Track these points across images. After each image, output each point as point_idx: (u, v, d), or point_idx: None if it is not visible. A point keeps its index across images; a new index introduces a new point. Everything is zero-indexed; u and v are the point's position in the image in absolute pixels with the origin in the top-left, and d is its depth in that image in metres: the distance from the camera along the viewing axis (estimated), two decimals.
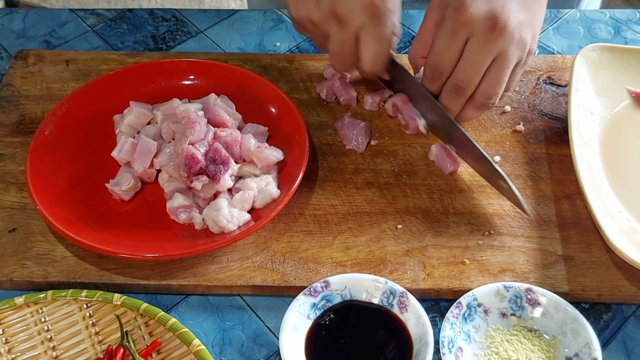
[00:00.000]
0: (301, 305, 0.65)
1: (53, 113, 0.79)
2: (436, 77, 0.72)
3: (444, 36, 0.69)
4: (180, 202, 0.72)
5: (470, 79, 0.70)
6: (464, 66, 0.69)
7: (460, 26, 0.67)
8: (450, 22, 0.68)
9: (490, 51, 0.68)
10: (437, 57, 0.71)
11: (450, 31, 0.68)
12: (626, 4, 2.36)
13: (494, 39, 0.67)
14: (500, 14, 0.66)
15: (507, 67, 0.70)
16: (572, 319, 0.64)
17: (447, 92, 0.72)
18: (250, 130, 0.79)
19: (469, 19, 0.67)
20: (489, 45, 0.67)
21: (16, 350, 0.65)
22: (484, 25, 0.67)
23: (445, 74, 0.71)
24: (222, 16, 0.98)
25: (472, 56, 0.69)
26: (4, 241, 0.72)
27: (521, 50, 0.70)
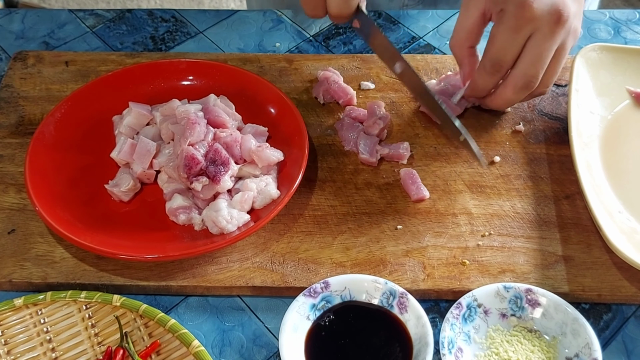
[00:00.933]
0: (301, 306, 0.65)
1: (52, 114, 0.79)
2: (497, 71, 0.73)
3: (507, 31, 0.70)
4: (179, 203, 0.72)
5: (540, 73, 0.71)
6: (533, 61, 0.71)
7: (526, 22, 0.68)
8: (514, 18, 0.69)
9: (555, 43, 0.70)
10: (500, 52, 0.71)
11: (513, 26, 0.69)
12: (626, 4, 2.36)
13: (558, 33, 0.69)
14: (563, 8, 0.68)
15: (564, 57, 0.72)
16: (572, 319, 0.64)
17: (515, 88, 0.73)
18: (250, 130, 0.79)
19: (534, 14, 0.68)
20: (554, 38, 0.69)
21: (16, 351, 0.65)
22: (549, 20, 0.68)
23: (506, 67, 0.72)
24: (222, 17, 0.98)
25: (540, 51, 0.70)
26: (3, 242, 0.72)
27: (574, 39, 0.72)
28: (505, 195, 0.76)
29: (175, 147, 0.74)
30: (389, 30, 0.96)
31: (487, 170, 0.77)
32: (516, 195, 0.76)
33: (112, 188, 0.74)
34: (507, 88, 0.74)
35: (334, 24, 0.96)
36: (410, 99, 0.85)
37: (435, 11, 0.98)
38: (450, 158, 0.79)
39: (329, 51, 0.93)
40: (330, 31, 0.96)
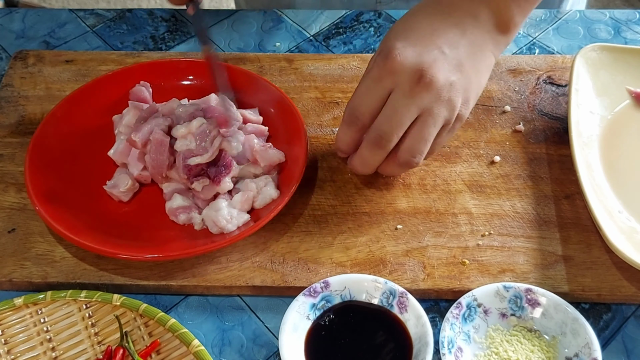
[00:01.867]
0: (301, 305, 0.65)
1: (52, 114, 0.79)
2: (352, 122, 0.68)
3: (368, 80, 0.67)
4: (179, 203, 0.72)
5: (393, 130, 0.66)
6: (387, 116, 0.66)
7: (386, 73, 0.65)
8: (377, 68, 0.66)
9: (415, 104, 0.65)
10: (357, 100, 0.68)
11: (375, 76, 0.66)
12: (626, 4, 2.36)
13: (419, 93, 0.64)
14: (428, 68, 0.64)
15: (432, 125, 0.66)
16: (572, 319, 0.64)
17: (368, 143, 0.68)
18: (250, 130, 0.79)
19: (396, 67, 0.65)
20: (413, 98, 0.65)
21: (16, 351, 0.65)
22: (410, 77, 0.64)
23: (362, 120, 0.68)
24: (222, 16, 0.98)
25: (395, 106, 0.65)
26: (3, 242, 0.72)
27: (449, 112, 0.66)
28: (505, 195, 0.76)
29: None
30: (388, 30, 0.95)
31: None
32: (516, 195, 0.76)
33: (111, 189, 0.74)
34: (363, 143, 0.69)
35: (333, 23, 0.96)
36: None
37: None
38: (450, 158, 0.79)
39: (329, 51, 0.93)
40: (331, 31, 0.96)
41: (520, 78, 0.87)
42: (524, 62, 0.89)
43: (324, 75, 0.88)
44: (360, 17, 0.97)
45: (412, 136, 0.67)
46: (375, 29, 0.96)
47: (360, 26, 0.96)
